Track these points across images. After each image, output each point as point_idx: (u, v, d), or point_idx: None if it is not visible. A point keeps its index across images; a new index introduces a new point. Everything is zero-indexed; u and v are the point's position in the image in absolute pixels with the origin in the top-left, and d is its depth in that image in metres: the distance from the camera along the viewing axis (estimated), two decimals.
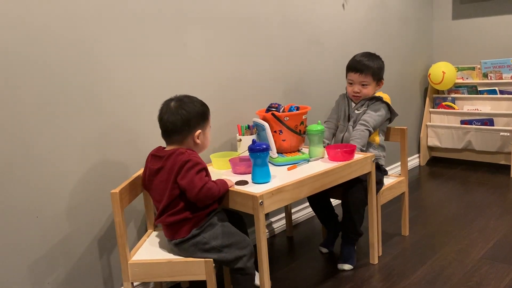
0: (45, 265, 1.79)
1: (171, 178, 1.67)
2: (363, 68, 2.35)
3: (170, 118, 1.72)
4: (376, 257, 2.30)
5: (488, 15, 3.83)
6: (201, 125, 1.76)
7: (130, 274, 1.70)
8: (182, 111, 1.71)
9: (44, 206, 1.77)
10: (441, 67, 3.79)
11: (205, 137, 1.80)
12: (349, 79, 2.42)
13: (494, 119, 3.63)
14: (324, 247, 2.47)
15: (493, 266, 2.19)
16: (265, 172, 1.83)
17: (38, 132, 1.73)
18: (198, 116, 1.74)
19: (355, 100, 2.43)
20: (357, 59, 2.40)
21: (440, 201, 3.15)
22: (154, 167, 1.73)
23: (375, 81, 2.40)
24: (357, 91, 2.39)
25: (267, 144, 1.83)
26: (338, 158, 2.07)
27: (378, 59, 2.42)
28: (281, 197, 1.76)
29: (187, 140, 1.74)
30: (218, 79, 2.35)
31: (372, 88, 2.40)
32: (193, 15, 2.20)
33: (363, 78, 2.36)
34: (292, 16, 2.71)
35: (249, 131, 2.23)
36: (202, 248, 1.70)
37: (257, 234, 1.70)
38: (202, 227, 1.71)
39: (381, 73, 2.42)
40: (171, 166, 1.67)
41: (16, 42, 1.64)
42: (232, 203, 1.79)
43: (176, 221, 1.69)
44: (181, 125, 1.71)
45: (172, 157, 1.68)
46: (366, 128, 2.28)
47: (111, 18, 1.90)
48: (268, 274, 1.74)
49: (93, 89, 1.87)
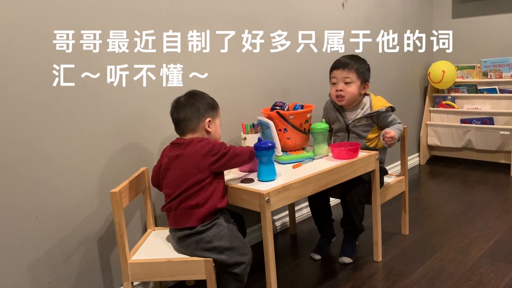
0: (45, 265, 1.79)
1: (193, 163, 1.73)
2: (345, 65, 2.30)
3: (181, 109, 1.82)
4: (380, 254, 2.32)
5: (488, 14, 3.83)
6: (211, 114, 1.85)
7: (130, 273, 1.70)
8: (192, 100, 1.83)
9: (44, 206, 1.77)
10: (441, 66, 3.79)
11: (216, 127, 1.88)
12: (332, 78, 2.35)
13: (494, 118, 3.63)
14: (316, 254, 2.40)
15: (493, 265, 2.18)
16: (271, 170, 1.85)
17: (38, 131, 1.73)
18: (207, 105, 1.84)
19: (338, 101, 2.33)
20: (339, 58, 2.36)
21: (440, 200, 3.15)
22: (172, 154, 1.78)
23: (360, 80, 2.30)
24: (340, 88, 2.28)
25: (273, 142, 1.85)
26: (343, 156, 2.08)
27: (362, 60, 2.36)
28: (287, 194, 1.77)
29: (199, 128, 1.82)
30: (220, 78, 2.35)
31: (356, 87, 2.29)
32: (193, 15, 2.20)
33: (346, 74, 2.28)
34: (293, 15, 2.71)
35: (253, 129, 2.23)
36: (204, 247, 1.70)
37: (264, 231, 1.71)
38: (208, 225, 1.72)
39: (366, 74, 2.34)
40: (192, 153, 1.74)
41: (15, 40, 1.64)
42: (239, 201, 1.81)
43: (189, 206, 1.72)
44: (191, 113, 1.81)
45: (191, 145, 1.76)
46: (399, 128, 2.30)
47: (113, 15, 1.90)
48: (275, 271, 1.75)
49: (93, 89, 1.87)
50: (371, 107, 2.33)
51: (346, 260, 2.29)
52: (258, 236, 2.61)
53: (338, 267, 2.28)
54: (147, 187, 1.97)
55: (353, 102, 2.34)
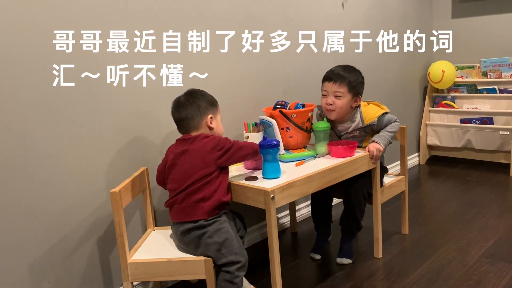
0: (44, 264, 1.79)
1: (200, 158, 1.76)
2: (337, 77, 2.21)
3: (182, 108, 1.84)
4: (380, 251, 2.34)
5: (487, 13, 3.83)
6: (212, 110, 1.87)
7: (130, 273, 1.70)
8: (192, 99, 1.85)
9: (44, 205, 1.77)
10: (441, 66, 3.79)
11: (218, 123, 1.91)
12: (323, 90, 2.27)
13: (494, 117, 3.63)
14: (316, 253, 2.39)
15: (493, 265, 2.19)
16: (275, 167, 1.87)
17: (38, 131, 1.73)
18: (207, 102, 1.87)
19: (328, 114, 2.26)
20: (333, 69, 2.27)
21: (439, 200, 3.15)
22: (179, 150, 1.81)
23: (351, 93, 2.21)
24: (330, 102, 2.21)
25: (278, 140, 1.87)
26: (340, 154, 2.11)
27: (356, 72, 2.26)
28: (291, 192, 1.79)
29: (201, 126, 1.84)
30: (220, 78, 2.35)
31: (347, 101, 2.21)
32: (193, 15, 2.20)
33: (337, 88, 2.20)
34: (293, 15, 2.72)
35: (256, 128, 2.24)
36: (205, 242, 1.72)
37: (269, 228, 1.72)
38: (211, 220, 1.74)
39: (359, 87, 2.24)
40: (198, 148, 1.77)
41: (15, 40, 1.65)
42: (244, 198, 1.83)
43: (196, 200, 1.74)
44: (192, 110, 1.83)
45: (197, 141, 1.79)
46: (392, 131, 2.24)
47: (113, 15, 1.90)
48: (279, 268, 1.77)
49: (93, 89, 1.87)
50: (362, 121, 2.26)
51: (345, 261, 2.29)
52: (257, 235, 2.61)
53: (338, 267, 2.28)
54: (147, 187, 1.98)
55: (344, 115, 2.28)
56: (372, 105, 2.31)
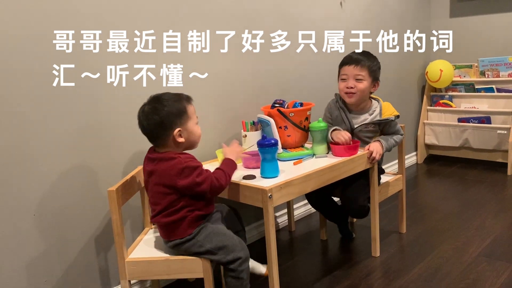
0: (42, 263, 1.80)
1: (165, 183, 1.65)
2: (357, 61, 2.22)
3: (145, 125, 1.68)
4: (378, 250, 2.35)
5: (485, 13, 3.84)
6: (179, 122, 1.68)
7: (127, 272, 1.70)
8: (154, 116, 1.65)
9: (41, 204, 1.78)
10: (439, 65, 3.80)
11: (190, 132, 1.71)
12: (342, 74, 2.27)
13: (491, 117, 3.64)
14: (347, 235, 2.56)
15: (490, 264, 2.20)
16: (274, 166, 1.87)
17: (37, 131, 1.73)
18: (172, 116, 1.66)
19: (348, 98, 2.25)
20: (351, 54, 2.29)
21: (437, 199, 3.16)
22: (148, 169, 1.72)
23: (371, 78, 2.24)
24: (351, 85, 2.21)
25: (276, 140, 1.87)
26: (342, 153, 2.11)
27: (374, 58, 2.30)
28: (289, 190, 1.80)
29: (169, 142, 1.69)
30: (220, 78, 2.36)
31: (368, 85, 2.23)
32: (193, 15, 2.20)
33: (358, 71, 2.21)
34: (292, 15, 2.72)
35: (254, 127, 2.24)
36: (198, 251, 1.70)
37: (266, 227, 1.73)
38: (196, 230, 1.71)
39: (378, 72, 2.29)
40: (163, 171, 1.65)
41: (15, 40, 1.65)
42: (242, 197, 1.83)
43: (172, 221, 1.68)
44: (156, 130, 1.67)
45: (162, 162, 1.66)
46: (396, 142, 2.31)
47: (113, 15, 1.90)
48: (277, 266, 1.78)
49: (93, 89, 1.88)
50: (381, 114, 2.28)
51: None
52: (255, 234, 2.62)
53: (335, 265, 2.29)
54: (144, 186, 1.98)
55: (361, 102, 2.29)
56: (388, 103, 2.36)
